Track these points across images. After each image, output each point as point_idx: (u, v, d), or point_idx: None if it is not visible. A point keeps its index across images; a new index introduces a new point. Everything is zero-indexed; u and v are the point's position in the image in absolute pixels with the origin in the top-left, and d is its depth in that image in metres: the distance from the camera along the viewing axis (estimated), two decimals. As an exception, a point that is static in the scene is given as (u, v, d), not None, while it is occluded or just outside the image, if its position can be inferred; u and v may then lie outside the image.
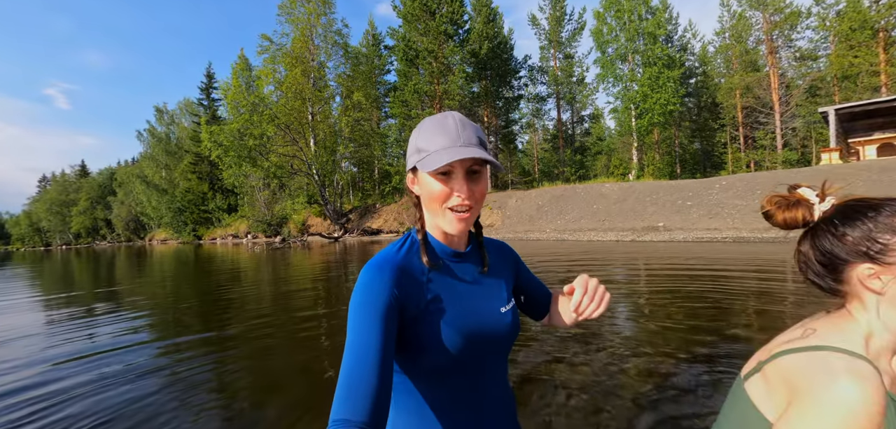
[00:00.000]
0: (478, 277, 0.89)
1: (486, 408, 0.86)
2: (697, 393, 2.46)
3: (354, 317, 0.73)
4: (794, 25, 29.25)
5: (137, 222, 66.15)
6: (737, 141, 32.89)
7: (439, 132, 0.77)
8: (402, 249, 0.83)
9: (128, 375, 3.31)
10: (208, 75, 48.87)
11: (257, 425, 2.39)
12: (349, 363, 0.69)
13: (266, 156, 29.96)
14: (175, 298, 7.31)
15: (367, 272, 0.76)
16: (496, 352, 0.88)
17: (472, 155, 0.73)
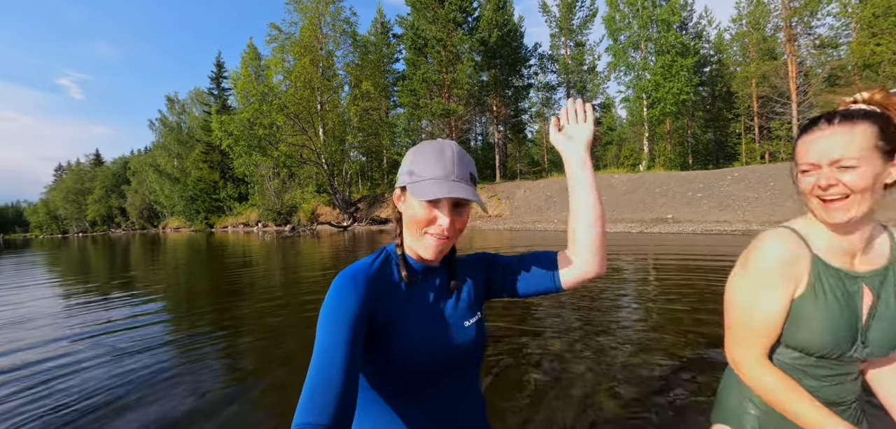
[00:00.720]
0: (445, 292, 0.92)
1: (451, 418, 0.89)
2: (692, 386, 2.44)
3: (323, 324, 0.74)
4: (814, 12, 28.35)
5: (151, 210, 67.41)
6: (751, 131, 32.19)
7: (436, 161, 0.80)
8: (376, 263, 0.85)
9: (142, 355, 3.41)
10: (218, 65, 49.19)
11: (263, 401, 2.45)
12: (315, 369, 0.70)
13: (276, 145, 30.21)
14: (188, 284, 7.47)
15: (339, 281, 0.78)
16: (461, 365, 0.90)
17: (461, 194, 0.77)
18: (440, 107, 27.72)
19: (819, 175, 0.83)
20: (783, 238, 0.90)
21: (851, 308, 0.86)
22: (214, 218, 49.77)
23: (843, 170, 0.80)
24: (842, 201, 0.81)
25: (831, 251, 0.88)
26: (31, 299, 6.52)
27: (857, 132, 0.80)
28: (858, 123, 0.80)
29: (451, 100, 29.02)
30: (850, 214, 0.81)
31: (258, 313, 4.90)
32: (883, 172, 0.80)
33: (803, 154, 0.86)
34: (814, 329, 0.87)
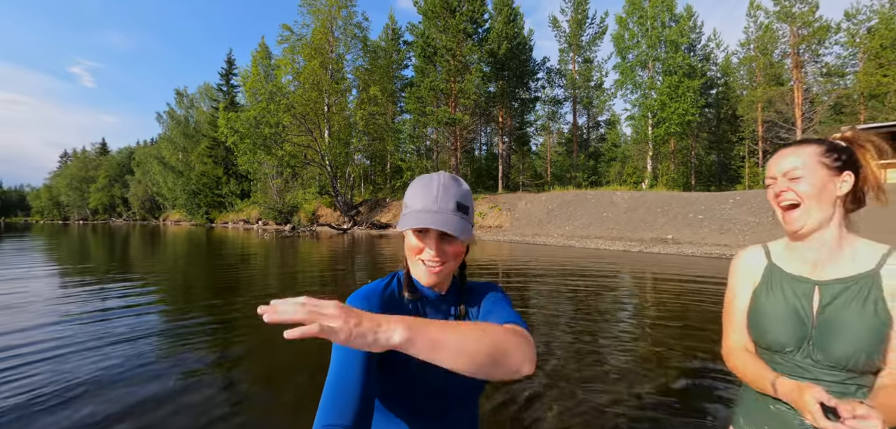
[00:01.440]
0: (455, 318, 0.93)
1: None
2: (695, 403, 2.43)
3: None
4: (822, 40, 28.47)
5: (153, 202, 67.62)
6: (755, 156, 32.19)
7: (421, 194, 0.84)
8: (389, 288, 0.89)
9: (134, 348, 3.41)
10: (229, 61, 49.58)
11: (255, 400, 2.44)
12: (334, 376, 0.73)
13: (281, 145, 30.32)
14: (185, 277, 7.47)
15: (353, 300, 0.82)
16: (461, 396, 0.91)
17: (433, 225, 0.79)
18: (446, 115, 27.82)
19: (776, 185, 0.97)
20: (751, 249, 1.10)
21: (797, 308, 0.97)
22: (215, 213, 49.91)
23: (794, 180, 0.94)
24: (795, 209, 0.94)
25: (788, 260, 1.02)
26: (25, 284, 6.53)
27: (804, 151, 0.94)
28: (807, 146, 0.96)
29: (458, 109, 29.13)
30: (803, 222, 0.94)
31: (251, 309, 4.90)
32: (829, 183, 0.92)
33: (769, 170, 1.01)
34: (764, 321, 1.01)
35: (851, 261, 0.95)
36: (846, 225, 0.96)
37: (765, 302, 1.01)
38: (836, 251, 0.95)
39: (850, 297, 0.92)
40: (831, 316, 0.93)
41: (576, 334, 4.16)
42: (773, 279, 1.02)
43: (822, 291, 0.95)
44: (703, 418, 2.43)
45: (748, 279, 1.07)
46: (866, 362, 0.90)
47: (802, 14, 28.54)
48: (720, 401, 2.65)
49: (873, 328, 0.89)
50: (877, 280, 0.92)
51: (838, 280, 0.94)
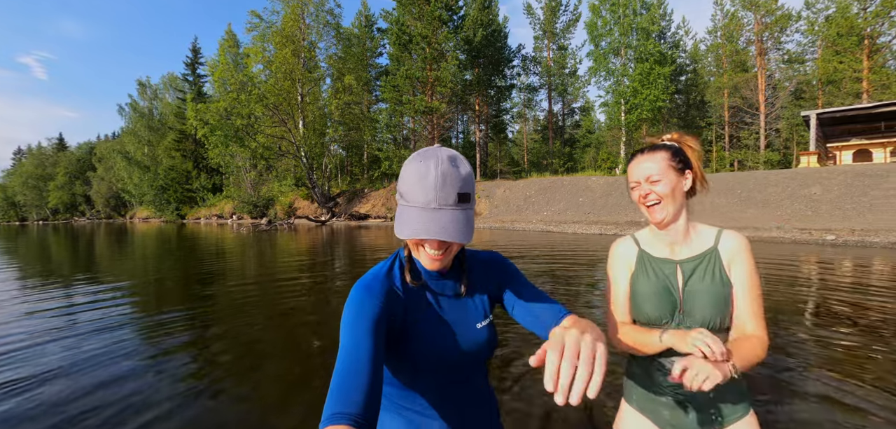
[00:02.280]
0: (457, 294, 0.95)
1: (466, 415, 0.95)
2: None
3: (345, 329, 0.78)
4: (783, 28, 29.68)
5: (118, 199, 64.73)
6: (722, 140, 33.43)
7: (419, 186, 0.78)
8: (393, 270, 0.90)
9: (105, 349, 3.30)
10: (194, 50, 47.61)
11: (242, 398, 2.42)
12: (342, 366, 0.73)
13: (253, 136, 29.48)
14: (157, 277, 7.24)
15: (356, 292, 0.83)
16: (473, 364, 0.95)
17: (432, 235, 0.74)
18: (423, 104, 27.64)
19: (640, 189, 1.15)
20: (622, 241, 1.29)
21: (667, 285, 1.16)
22: (186, 209, 48.23)
23: (653, 183, 1.12)
24: (657, 205, 1.13)
25: (654, 246, 1.22)
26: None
27: (658, 157, 1.14)
28: (658, 152, 1.15)
29: (434, 97, 28.97)
30: (664, 214, 1.13)
31: (229, 306, 4.81)
32: (678, 182, 1.13)
33: (630, 176, 1.19)
34: (642, 301, 1.18)
35: (697, 241, 1.18)
36: (688, 212, 1.19)
37: (641, 284, 1.19)
38: (686, 235, 1.18)
39: (702, 270, 1.14)
40: (692, 288, 1.13)
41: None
42: (644, 264, 1.21)
43: (682, 268, 1.16)
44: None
45: (624, 267, 1.25)
46: (721, 322, 1.11)
47: (765, 2, 29.62)
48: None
49: (721, 294, 1.11)
50: (717, 254, 1.14)
51: (692, 258, 1.16)
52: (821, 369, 2.63)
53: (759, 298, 1.11)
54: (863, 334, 3.31)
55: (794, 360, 2.79)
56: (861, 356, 2.84)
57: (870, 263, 6.83)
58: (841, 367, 2.66)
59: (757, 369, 2.46)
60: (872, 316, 3.81)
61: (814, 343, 3.13)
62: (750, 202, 13.73)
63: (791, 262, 7.00)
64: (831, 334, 3.34)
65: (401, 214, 0.81)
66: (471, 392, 0.97)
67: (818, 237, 9.98)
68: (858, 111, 17.44)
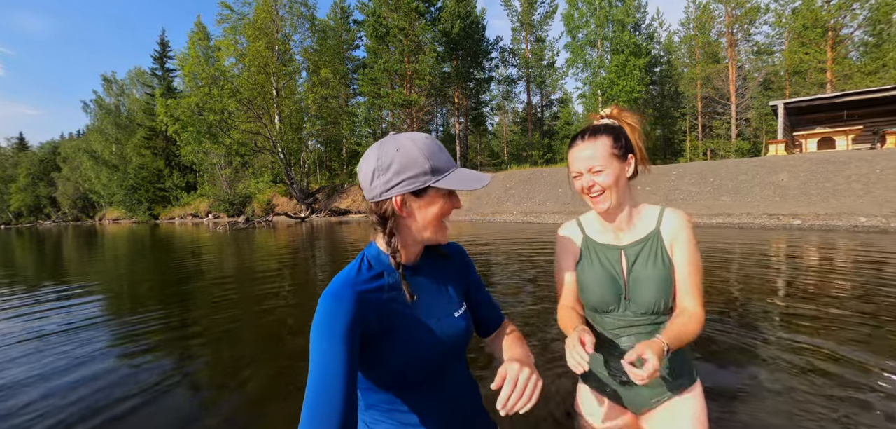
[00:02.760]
0: (431, 288, 0.94)
1: (450, 405, 0.94)
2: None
3: (316, 344, 0.75)
4: (753, 20, 30.54)
5: (86, 200, 62.13)
6: (695, 130, 34.31)
7: (439, 152, 0.84)
8: (361, 272, 0.86)
9: (75, 357, 3.13)
10: (162, 43, 45.87)
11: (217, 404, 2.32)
12: (313, 388, 0.71)
13: (228, 132, 28.65)
14: (130, 280, 6.96)
15: (326, 300, 0.78)
16: (455, 354, 0.94)
17: (488, 179, 0.87)
18: (402, 97, 27.39)
19: (582, 180, 1.12)
20: (567, 225, 1.30)
21: (612, 271, 1.17)
22: (159, 208, 46.67)
23: (596, 173, 1.10)
24: (600, 195, 1.11)
25: (599, 231, 1.23)
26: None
27: (599, 144, 1.10)
28: (599, 137, 1.11)
29: (413, 90, 28.74)
30: (608, 203, 1.11)
31: (208, 306, 4.66)
32: (621, 170, 1.11)
33: (572, 164, 1.15)
34: (588, 288, 1.19)
35: (640, 225, 1.18)
36: (630, 195, 1.19)
37: (587, 272, 1.20)
38: (630, 220, 1.19)
39: (646, 255, 1.15)
40: (636, 274, 1.15)
41: (537, 298, 4.28)
42: (590, 251, 1.22)
43: (626, 254, 1.17)
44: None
45: (569, 252, 1.27)
46: (665, 305, 1.13)
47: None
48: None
49: (664, 277, 1.12)
50: (659, 237, 1.15)
51: (635, 243, 1.17)
52: (780, 338, 2.71)
53: (699, 273, 1.14)
54: (820, 305, 3.43)
55: (756, 331, 2.87)
56: (817, 325, 2.93)
57: (834, 244, 7.12)
58: (798, 334, 2.75)
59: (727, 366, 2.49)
60: (833, 290, 3.95)
61: (777, 315, 3.23)
62: (722, 190, 14.13)
63: (760, 243, 7.23)
64: (793, 305, 3.45)
65: (451, 180, 0.83)
66: (455, 381, 0.96)
67: (785, 222, 10.36)
68: (822, 101, 18.13)
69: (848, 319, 3.16)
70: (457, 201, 0.88)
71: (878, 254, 6.01)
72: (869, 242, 7.28)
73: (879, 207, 9.93)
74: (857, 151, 13.77)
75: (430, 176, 0.81)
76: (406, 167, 0.80)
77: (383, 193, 0.82)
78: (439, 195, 0.84)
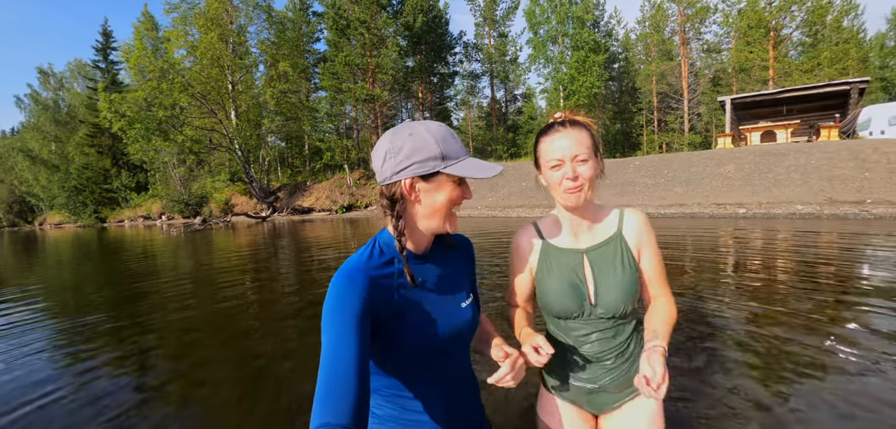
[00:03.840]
0: (440, 276, 0.95)
1: (452, 394, 0.95)
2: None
3: (329, 325, 0.75)
4: (703, 19, 32.06)
5: (23, 204, 57.28)
6: (652, 124, 35.72)
7: (452, 139, 0.85)
8: (373, 258, 0.86)
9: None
10: (105, 33, 42.75)
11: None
12: (327, 369, 0.71)
13: (180, 129, 27.10)
14: (75, 286, 6.38)
15: (338, 281, 0.79)
16: (457, 345, 0.95)
17: (500, 168, 0.90)
18: (364, 92, 26.85)
19: (565, 168, 1.03)
20: (524, 231, 1.21)
21: (574, 276, 1.11)
22: (107, 211, 43.57)
23: (582, 162, 1.02)
24: (579, 189, 1.03)
25: (557, 235, 1.16)
26: None
27: (584, 134, 1.04)
28: (580, 128, 1.05)
29: (376, 85, 28.24)
30: (584, 197, 1.04)
31: (162, 313, 4.31)
32: (596, 165, 1.06)
33: (548, 153, 1.06)
34: (548, 296, 1.13)
35: (600, 228, 1.14)
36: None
37: (546, 280, 1.14)
38: (590, 223, 1.13)
39: (608, 258, 1.10)
40: (600, 278, 1.09)
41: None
42: (549, 258, 1.15)
43: (589, 258, 1.11)
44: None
45: (525, 259, 1.19)
46: (631, 307, 1.10)
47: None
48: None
49: (630, 281, 1.08)
50: (622, 239, 1.11)
51: (597, 246, 1.12)
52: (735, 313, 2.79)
53: (664, 267, 1.15)
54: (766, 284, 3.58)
55: (715, 307, 2.94)
56: (765, 296, 3.05)
57: (773, 230, 7.54)
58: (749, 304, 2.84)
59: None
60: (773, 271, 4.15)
61: (733, 291, 3.34)
62: (675, 181, 14.73)
63: (707, 232, 7.56)
64: (742, 280, 3.59)
65: (463, 167, 0.84)
66: (458, 372, 0.98)
67: (732, 211, 10.91)
68: (765, 97, 19.27)
69: (789, 300, 3.30)
70: (467, 192, 0.89)
71: (811, 243, 6.39)
72: (805, 227, 7.75)
73: (814, 196, 10.64)
74: (795, 144, 14.71)
75: (441, 161, 0.82)
76: (417, 151, 0.81)
77: (393, 176, 0.84)
78: (449, 181, 0.85)
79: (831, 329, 2.68)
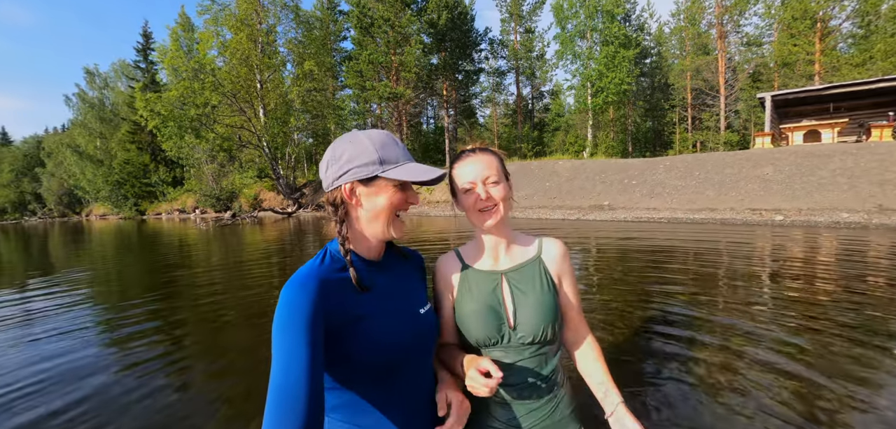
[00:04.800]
0: (394, 284, 0.94)
1: (413, 404, 0.92)
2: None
3: (278, 335, 0.73)
4: (743, 11, 30.30)
5: (72, 196, 60.94)
6: (685, 122, 34.19)
7: (394, 145, 0.87)
8: (320, 266, 0.84)
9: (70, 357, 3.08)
10: (145, 35, 44.84)
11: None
12: (278, 382, 0.68)
13: (211, 126, 27.96)
14: (119, 277, 6.63)
15: (289, 291, 0.76)
16: (419, 352, 0.94)
17: (441, 171, 0.86)
18: (388, 90, 26.91)
19: (477, 189, 1.05)
20: (445, 258, 1.19)
21: (492, 298, 1.08)
22: (146, 204, 45.82)
23: (492, 185, 1.05)
24: (494, 209, 1.05)
25: (477, 258, 1.14)
26: None
27: (492, 159, 1.08)
28: (488, 154, 1.09)
29: (400, 83, 28.25)
30: (498, 217, 1.06)
31: (195, 304, 4.37)
32: (507, 189, 1.09)
33: (461, 178, 1.08)
34: (466, 320, 1.08)
35: (519, 251, 1.14)
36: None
37: (465, 303, 1.10)
38: (508, 247, 1.13)
39: (527, 279, 1.09)
40: (519, 300, 1.07)
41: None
42: (469, 281, 1.12)
43: (507, 278, 1.10)
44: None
45: (446, 288, 1.16)
46: (551, 333, 1.06)
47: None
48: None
49: (549, 303, 1.06)
50: (541, 262, 1.11)
51: (515, 268, 1.11)
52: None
53: (579, 297, 1.17)
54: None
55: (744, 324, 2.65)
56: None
57: (814, 241, 6.95)
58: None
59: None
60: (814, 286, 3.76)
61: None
62: (708, 184, 13.98)
63: (742, 244, 7.05)
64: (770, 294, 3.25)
65: (401, 172, 0.84)
66: (418, 387, 0.94)
67: (768, 218, 10.20)
68: (809, 93, 18.00)
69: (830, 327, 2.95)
70: (412, 197, 0.89)
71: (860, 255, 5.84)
72: (851, 237, 7.12)
73: (862, 203, 9.81)
74: (842, 144, 13.66)
75: (379, 165, 0.83)
76: (356, 156, 0.83)
77: (334, 182, 0.86)
78: (389, 185, 0.85)
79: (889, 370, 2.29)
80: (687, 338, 2.88)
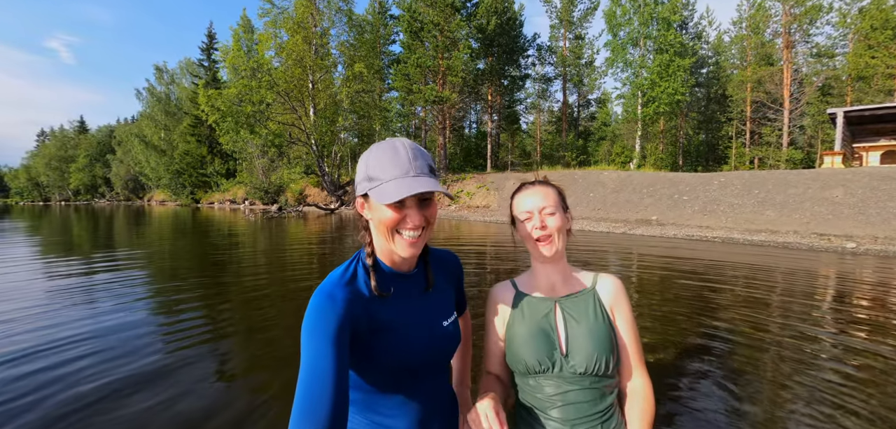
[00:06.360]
0: (423, 295, 0.95)
1: (425, 414, 0.93)
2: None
3: (307, 341, 0.75)
4: (813, 20, 28.27)
5: (136, 182, 66.06)
6: (743, 136, 32.27)
7: (391, 162, 0.81)
8: (348, 273, 0.87)
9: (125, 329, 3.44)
10: (209, 35, 47.89)
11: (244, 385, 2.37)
12: (305, 384, 0.71)
13: (264, 123, 29.46)
14: (173, 258, 7.23)
15: (317, 299, 0.79)
16: (440, 364, 0.96)
17: (423, 188, 0.79)
18: (434, 93, 27.26)
19: (533, 220, 1.10)
20: (500, 285, 1.24)
21: (544, 327, 1.10)
22: (201, 193, 48.91)
23: (548, 215, 1.10)
24: (549, 239, 1.09)
25: (532, 286, 1.19)
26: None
27: (550, 191, 1.15)
28: (548, 186, 1.16)
29: (446, 87, 28.53)
30: (555, 248, 1.10)
31: (241, 287, 4.71)
32: (565, 220, 1.14)
33: (520, 207, 1.14)
34: (517, 344, 1.10)
35: (575, 283, 1.17)
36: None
37: (517, 328, 1.13)
38: (565, 278, 1.17)
39: (581, 307, 1.11)
40: (572, 327, 1.08)
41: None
42: (521, 307, 1.16)
43: (561, 306, 1.12)
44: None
45: (499, 312, 1.20)
46: (606, 365, 1.04)
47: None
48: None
49: (604, 333, 1.06)
50: (596, 294, 1.13)
51: (570, 296, 1.14)
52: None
53: (640, 341, 1.14)
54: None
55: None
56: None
57: (891, 271, 6.39)
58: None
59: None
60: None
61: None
62: (768, 203, 13.15)
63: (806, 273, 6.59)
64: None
65: (379, 192, 0.80)
66: (434, 394, 0.96)
67: (837, 244, 9.47)
68: (889, 110, 16.52)
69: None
70: (413, 214, 0.84)
71: (947, 291, 5.33)
72: (936, 274, 6.49)
73: (951, 234, 8.91)
74: (927, 168, 12.45)
75: (368, 182, 0.83)
76: (361, 172, 0.85)
77: (356, 194, 0.90)
78: (379, 203, 0.82)
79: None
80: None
